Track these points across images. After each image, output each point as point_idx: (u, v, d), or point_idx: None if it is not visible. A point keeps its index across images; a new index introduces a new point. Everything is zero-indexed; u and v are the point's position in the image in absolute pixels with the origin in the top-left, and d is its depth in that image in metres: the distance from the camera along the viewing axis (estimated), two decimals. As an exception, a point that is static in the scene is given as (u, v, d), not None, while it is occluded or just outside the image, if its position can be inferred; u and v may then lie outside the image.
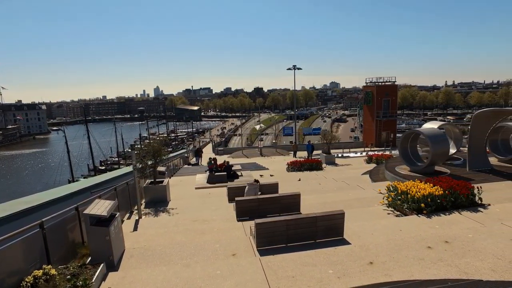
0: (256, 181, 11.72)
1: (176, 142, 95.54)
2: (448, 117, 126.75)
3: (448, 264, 5.44)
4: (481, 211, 8.45)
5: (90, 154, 55.84)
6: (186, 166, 29.12)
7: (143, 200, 12.60)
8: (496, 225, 7.22)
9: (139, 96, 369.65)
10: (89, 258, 6.18)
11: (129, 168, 18.41)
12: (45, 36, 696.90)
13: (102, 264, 5.72)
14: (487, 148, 15.52)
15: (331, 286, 4.95)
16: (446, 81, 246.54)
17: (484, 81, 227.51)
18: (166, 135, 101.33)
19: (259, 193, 11.17)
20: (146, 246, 7.18)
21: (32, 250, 5.22)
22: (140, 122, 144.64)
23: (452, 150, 17.00)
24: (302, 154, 30.72)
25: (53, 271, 4.84)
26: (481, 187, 9.34)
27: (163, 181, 13.25)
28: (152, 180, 13.09)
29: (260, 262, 5.85)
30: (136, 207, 10.94)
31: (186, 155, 34.85)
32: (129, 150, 71.63)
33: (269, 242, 6.87)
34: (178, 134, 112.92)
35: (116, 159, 71.12)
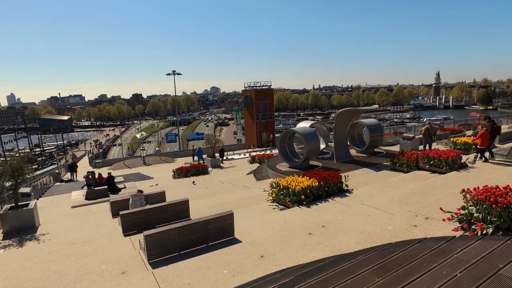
0: (140, 191, 11.17)
1: (43, 158, 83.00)
2: (317, 116, 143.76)
3: (326, 245, 6.19)
4: (348, 196, 9.88)
5: None
6: (58, 183, 25.65)
7: (1, 231, 10.62)
8: (358, 205, 8.54)
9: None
10: None
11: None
12: None
13: None
14: (348, 142, 18.19)
15: (227, 286, 5.07)
16: (313, 85, 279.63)
17: (342, 85, 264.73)
18: (28, 150, 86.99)
19: (145, 203, 10.66)
20: (7, 286, 6.04)
21: None
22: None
23: (322, 146, 19.35)
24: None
25: None
26: (347, 176, 10.92)
27: (28, 203, 11.39)
28: (13, 204, 11.13)
29: (153, 275, 5.58)
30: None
31: (57, 171, 30.71)
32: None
33: (161, 253, 6.62)
34: (45, 148, 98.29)
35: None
